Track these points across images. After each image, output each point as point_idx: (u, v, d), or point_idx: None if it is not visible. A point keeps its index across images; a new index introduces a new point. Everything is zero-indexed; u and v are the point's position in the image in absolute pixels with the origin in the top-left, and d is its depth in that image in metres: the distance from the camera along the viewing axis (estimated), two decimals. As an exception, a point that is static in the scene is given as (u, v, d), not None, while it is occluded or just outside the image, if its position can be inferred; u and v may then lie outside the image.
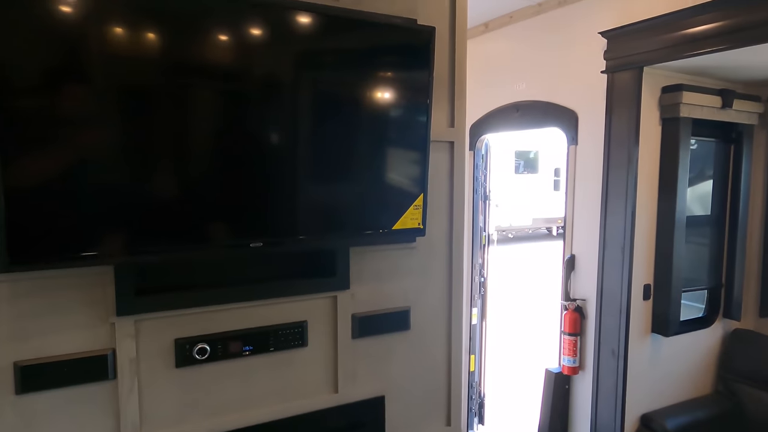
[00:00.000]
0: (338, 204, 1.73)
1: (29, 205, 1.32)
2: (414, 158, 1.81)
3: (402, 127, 1.81)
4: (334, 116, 1.71)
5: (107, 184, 1.41)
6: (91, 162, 1.39)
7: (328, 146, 1.70)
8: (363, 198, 1.75)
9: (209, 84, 1.54)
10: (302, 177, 1.67)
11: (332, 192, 1.72)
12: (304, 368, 1.90)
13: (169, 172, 1.50)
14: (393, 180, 1.80)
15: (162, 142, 1.48)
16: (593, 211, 2.57)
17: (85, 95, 1.37)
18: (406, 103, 1.81)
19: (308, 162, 1.69)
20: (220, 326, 1.74)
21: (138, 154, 1.45)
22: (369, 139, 1.76)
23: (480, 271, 3.65)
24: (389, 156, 1.82)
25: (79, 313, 1.53)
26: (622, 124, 2.42)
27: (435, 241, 2.13)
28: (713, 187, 2.73)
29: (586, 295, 2.65)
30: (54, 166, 1.34)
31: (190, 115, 1.53)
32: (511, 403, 4.41)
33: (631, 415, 2.51)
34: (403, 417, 2.12)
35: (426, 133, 1.81)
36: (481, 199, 3.60)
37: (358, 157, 1.75)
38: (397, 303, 2.07)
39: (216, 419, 1.75)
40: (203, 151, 1.56)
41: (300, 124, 1.68)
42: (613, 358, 2.49)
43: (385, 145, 1.79)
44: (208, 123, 1.56)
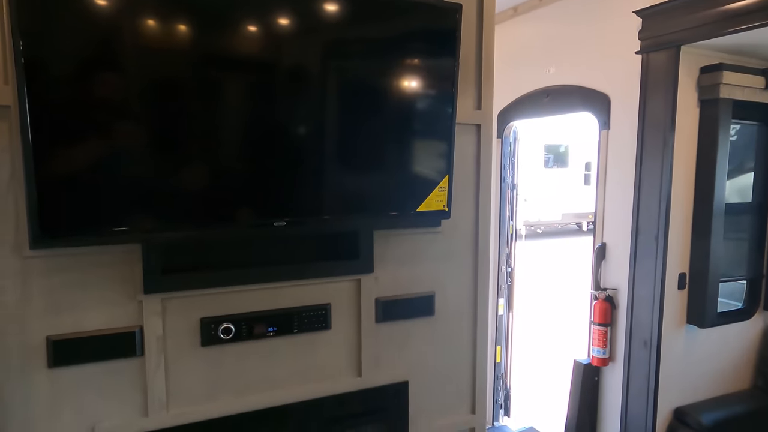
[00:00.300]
0: (362, 185, 1.71)
1: (61, 184, 1.36)
2: (439, 140, 1.78)
3: (427, 108, 1.78)
4: (359, 99, 1.69)
5: (137, 165, 1.44)
6: (122, 144, 1.42)
7: (352, 128, 1.68)
8: (387, 179, 1.73)
9: (238, 68, 1.55)
10: (326, 158, 1.67)
11: (356, 173, 1.70)
12: (328, 351, 1.90)
13: (197, 154, 1.52)
14: (417, 162, 1.78)
15: (191, 126, 1.49)
16: (625, 198, 2.48)
17: (118, 83, 1.40)
18: (431, 84, 1.78)
19: (332, 144, 1.68)
20: (245, 307, 1.75)
21: (167, 138, 1.47)
22: (393, 121, 1.73)
23: (507, 261, 3.59)
24: (414, 138, 1.79)
25: (108, 290, 1.57)
26: (658, 107, 2.32)
27: (460, 226, 2.10)
28: (754, 173, 2.60)
29: (617, 284, 2.57)
30: (86, 147, 1.37)
31: (218, 100, 1.54)
32: (538, 395, 4.34)
33: (663, 408, 2.43)
34: (426, 403, 2.10)
35: (451, 113, 1.77)
36: (509, 188, 3.53)
37: (382, 139, 1.73)
38: (421, 288, 2.05)
39: (241, 399, 1.76)
40: (230, 134, 1.57)
41: (324, 107, 1.67)
42: (645, 349, 2.41)
43: (409, 126, 1.77)
44: (235, 107, 1.57)
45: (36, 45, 1.28)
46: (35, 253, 1.46)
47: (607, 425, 2.68)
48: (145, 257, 1.57)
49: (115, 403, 1.60)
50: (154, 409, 1.63)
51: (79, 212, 1.38)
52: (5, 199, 1.43)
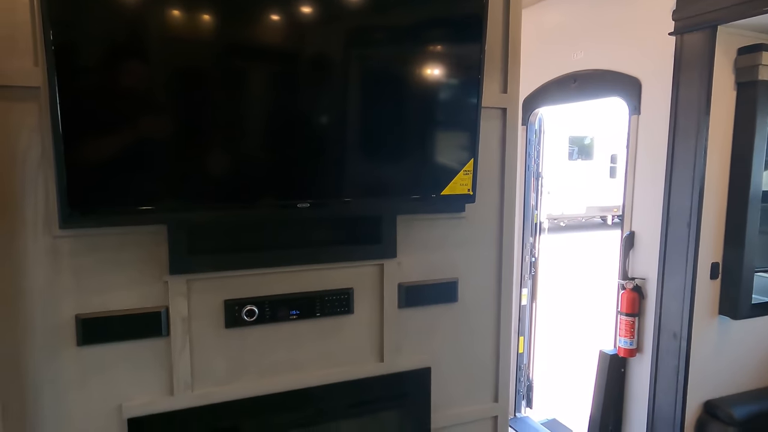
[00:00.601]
0: (386, 168, 1.69)
1: (89, 163, 1.37)
2: (464, 123, 1.75)
3: (451, 91, 1.75)
4: (383, 83, 1.67)
5: (163, 146, 1.45)
6: (148, 127, 1.43)
7: (376, 112, 1.66)
8: (411, 162, 1.71)
9: (263, 51, 1.55)
10: (350, 141, 1.65)
11: (380, 156, 1.68)
12: (350, 335, 1.90)
13: (222, 138, 1.52)
14: (442, 145, 1.75)
15: (216, 111, 1.49)
16: (656, 184, 2.41)
17: (144, 69, 1.41)
18: (456, 67, 1.75)
19: (356, 126, 1.66)
20: (268, 290, 1.76)
21: (193, 121, 1.48)
22: (417, 105, 1.71)
23: (531, 251, 3.54)
24: (438, 121, 1.76)
25: (134, 270, 1.59)
26: (692, 90, 2.24)
27: (485, 212, 2.07)
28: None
29: (645, 273, 2.51)
30: (113, 129, 1.38)
31: (243, 84, 1.53)
32: (561, 387, 4.29)
33: (693, 401, 2.36)
34: (449, 390, 2.09)
35: (477, 96, 1.74)
36: (533, 177, 3.47)
37: (406, 122, 1.70)
38: (444, 274, 2.03)
39: (264, 380, 1.77)
40: (254, 117, 1.56)
41: (348, 92, 1.65)
42: (674, 340, 2.34)
43: (433, 109, 1.74)
44: (260, 91, 1.56)
45: (65, 32, 1.30)
46: (65, 232, 1.49)
47: (633, 417, 2.63)
48: (171, 238, 1.59)
49: (141, 382, 1.63)
50: (180, 388, 1.66)
51: (107, 191, 1.40)
52: (36, 179, 1.46)
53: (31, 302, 1.49)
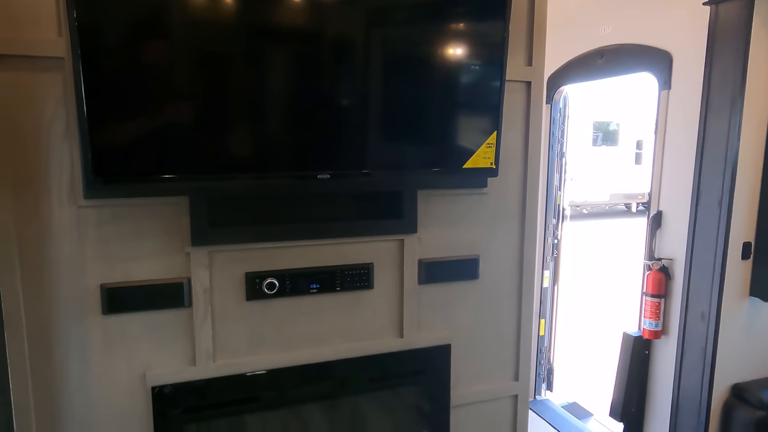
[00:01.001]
0: (407, 139, 1.67)
1: (113, 133, 1.38)
2: (487, 95, 1.71)
3: (475, 61, 1.71)
4: (404, 54, 1.64)
5: (185, 117, 1.46)
6: (170, 97, 1.43)
7: (398, 83, 1.63)
8: (432, 134, 1.68)
9: (284, 24, 1.53)
10: (371, 113, 1.63)
11: (401, 128, 1.66)
12: (370, 310, 1.90)
13: (243, 108, 1.51)
14: (464, 117, 1.72)
15: (238, 81, 1.48)
16: (686, 162, 2.33)
17: (167, 41, 1.42)
18: (480, 36, 1.70)
19: (377, 99, 1.63)
20: (289, 263, 1.76)
21: (215, 93, 1.47)
22: (439, 76, 1.67)
23: (553, 233, 3.48)
24: (461, 93, 1.72)
25: (157, 241, 1.60)
26: (727, 63, 2.15)
27: (507, 188, 2.03)
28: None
29: (673, 254, 2.44)
30: (136, 100, 1.39)
31: (266, 53, 1.52)
32: (582, 370, 4.24)
33: (720, 384, 2.31)
34: (469, 367, 2.07)
35: (501, 67, 1.69)
36: (557, 157, 3.40)
37: (428, 94, 1.67)
38: (465, 251, 2.01)
39: (284, 353, 1.79)
40: (276, 89, 1.54)
41: (370, 62, 1.62)
42: (702, 322, 2.28)
43: (456, 81, 1.70)
44: (282, 62, 1.54)
45: (88, 6, 1.30)
46: (89, 202, 1.51)
47: (656, 400, 2.58)
48: (193, 210, 1.60)
49: (164, 352, 1.65)
50: (202, 359, 1.68)
51: (130, 160, 1.41)
52: (60, 150, 1.48)
53: (57, 271, 1.52)
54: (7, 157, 1.43)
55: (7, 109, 1.41)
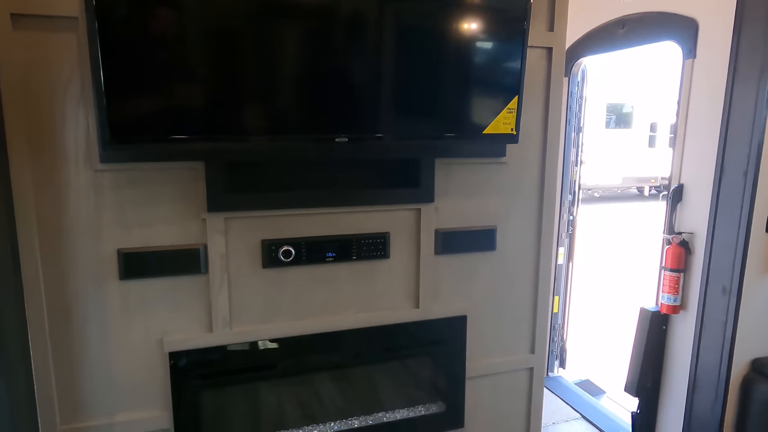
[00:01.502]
0: (427, 103, 1.63)
1: (127, 94, 1.36)
2: (508, 58, 1.66)
3: (496, 23, 1.65)
4: (422, 17, 1.59)
5: (200, 79, 1.42)
6: (186, 60, 1.39)
7: (417, 47, 1.58)
8: (453, 98, 1.64)
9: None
10: (390, 76, 1.58)
11: (421, 92, 1.61)
12: (386, 280, 1.88)
13: (260, 71, 1.47)
14: (485, 82, 1.67)
15: (254, 44, 1.44)
16: (710, 133, 2.26)
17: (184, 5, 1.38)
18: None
19: (396, 62, 1.59)
20: (305, 231, 1.75)
21: (231, 56, 1.43)
22: (460, 39, 1.62)
23: (569, 209, 3.43)
24: (480, 57, 1.67)
25: (174, 207, 1.59)
26: (757, 28, 2.06)
27: (526, 158, 1.99)
28: None
29: (693, 228, 2.38)
30: (151, 62, 1.36)
31: (282, 17, 1.47)
32: (595, 349, 4.23)
33: (740, 359, 2.27)
34: (485, 339, 2.06)
35: (523, 29, 1.63)
36: (574, 131, 3.33)
37: (448, 58, 1.62)
38: (483, 221, 1.98)
39: (300, 321, 1.78)
40: (292, 52, 1.50)
41: (386, 25, 1.57)
42: (723, 295, 2.24)
43: (476, 44, 1.65)
44: (298, 27, 1.50)
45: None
46: (105, 166, 1.50)
47: (673, 375, 2.55)
48: (209, 175, 1.58)
49: (181, 318, 1.66)
50: (218, 325, 1.68)
51: (146, 123, 1.39)
52: (76, 113, 1.46)
53: (74, 236, 1.52)
54: (23, 119, 1.41)
55: (23, 70, 1.40)
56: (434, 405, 2.05)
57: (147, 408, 1.66)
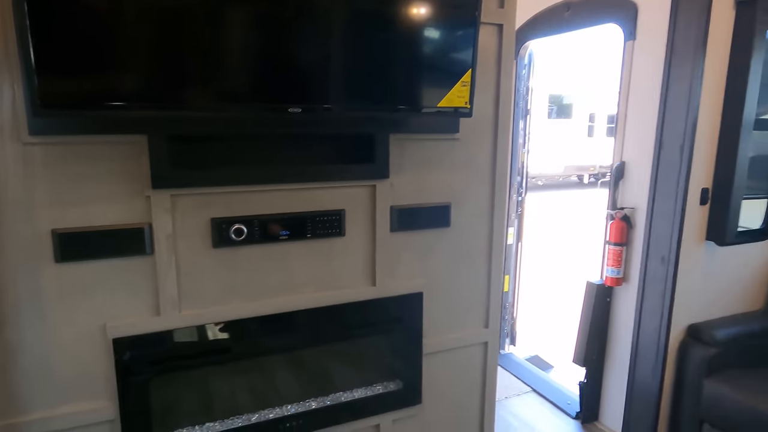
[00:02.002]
0: (383, 75, 1.59)
1: (57, 55, 1.24)
2: (462, 30, 1.65)
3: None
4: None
5: (139, 38, 1.31)
6: (121, 17, 1.29)
7: (371, 18, 1.55)
8: (407, 70, 1.61)
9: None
10: (342, 47, 1.54)
11: (377, 63, 1.57)
12: (342, 258, 1.86)
13: (206, 34, 1.37)
14: (439, 54, 1.65)
15: (200, 7, 1.35)
16: (649, 111, 2.38)
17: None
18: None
19: (348, 33, 1.55)
20: (257, 208, 1.69)
21: (173, 16, 1.33)
22: (412, 11, 1.60)
23: (518, 190, 3.52)
24: (434, 29, 1.65)
25: (114, 183, 1.49)
26: (691, 12, 2.18)
27: (479, 135, 2.01)
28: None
29: (635, 203, 2.51)
30: (84, 21, 1.25)
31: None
32: (544, 325, 4.39)
33: (677, 325, 2.42)
34: (441, 315, 2.08)
35: (477, 1, 1.64)
36: (522, 114, 3.41)
37: (400, 31, 1.59)
38: (437, 198, 1.98)
39: (254, 302, 1.73)
40: (243, 16, 1.43)
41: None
42: (662, 265, 2.37)
43: (430, 16, 1.63)
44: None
45: None
46: (36, 139, 1.38)
47: (617, 345, 2.69)
48: (152, 149, 1.49)
49: (126, 302, 1.56)
50: (166, 309, 1.60)
51: (79, 88, 1.27)
52: (1, 80, 1.33)
53: (3, 214, 1.39)
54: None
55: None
56: (392, 383, 2.05)
57: (90, 399, 1.56)
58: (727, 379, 2.28)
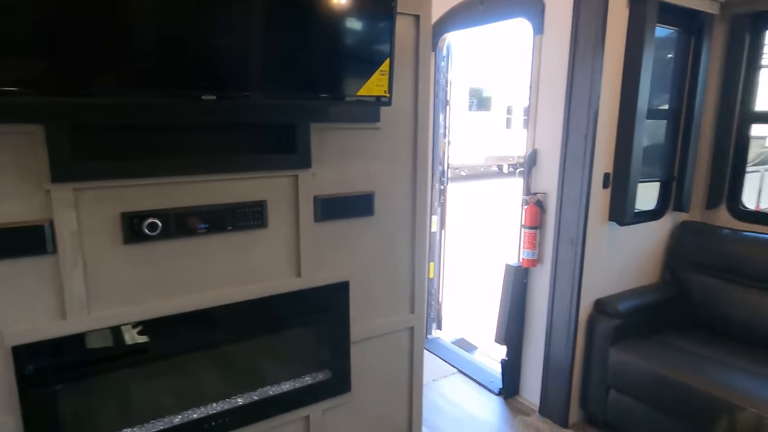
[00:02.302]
0: (300, 62, 1.56)
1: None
2: (379, 20, 1.66)
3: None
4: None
5: (36, 20, 1.20)
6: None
7: (285, 3, 1.52)
8: (325, 58, 1.60)
9: None
10: (258, 32, 1.50)
11: (293, 50, 1.55)
12: (265, 250, 1.82)
13: (106, 11, 1.29)
14: (357, 43, 1.66)
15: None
16: (557, 102, 2.53)
17: None
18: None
19: (264, 18, 1.51)
20: (173, 201, 1.61)
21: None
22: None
23: (440, 179, 3.62)
24: (352, 19, 1.65)
25: (8, 177, 1.37)
26: (590, 8, 2.34)
27: (400, 124, 2.04)
28: (672, 80, 2.74)
29: (546, 188, 2.67)
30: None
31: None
32: (469, 309, 4.56)
33: (586, 301, 2.61)
34: (367, 303, 2.10)
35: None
36: (442, 105, 3.50)
37: (319, 19, 1.58)
38: (361, 187, 2.00)
39: (173, 300, 1.65)
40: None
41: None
42: (571, 246, 2.54)
43: (347, 5, 1.63)
44: None
45: None
46: None
47: (534, 322, 2.86)
48: (51, 139, 1.38)
49: (26, 306, 1.44)
50: (73, 311, 1.49)
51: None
52: None
53: None
54: None
55: None
56: (321, 373, 2.06)
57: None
58: (629, 347, 2.50)
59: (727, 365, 2.34)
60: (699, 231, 2.86)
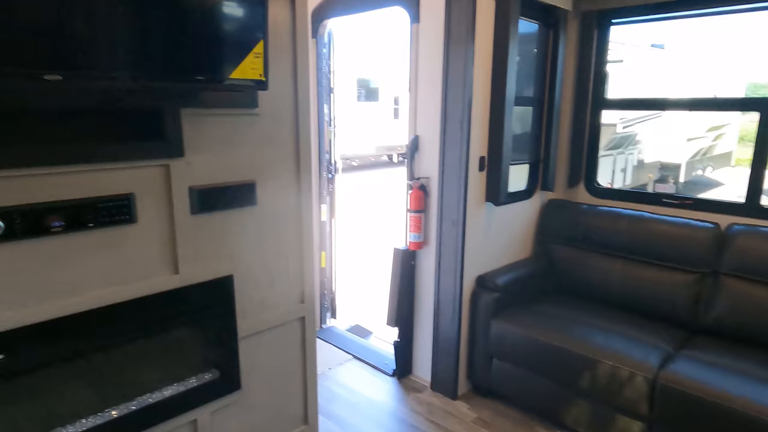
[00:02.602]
0: (165, 40, 1.44)
1: None
2: (250, 2, 1.60)
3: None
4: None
5: None
6: None
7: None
8: (193, 39, 1.49)
9: None
10: (114, 6, 1.35)
11: (156, 27, 1.42)
12: (136, 247, 1.68)
13: None
14: (228, 23, 1.57)
15: None
16: (435, 89, 2.63)
17: None
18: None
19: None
20: (19, 197, 1.41)
21: None
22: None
23: (328, 167, 3.60)
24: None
25: None
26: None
27: (280, 110, 1.99)
28: (536, 70, 2.99)
29: (429, 173, 2.77)
30: None
31: None
32: (362, 296, 4.62)
33: (468, 278, 2.77)
34: (254, 296, 2.03)
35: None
36: (326, 93, 3.47)
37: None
38: (241, 176, 1.92)
39: (24, 310, 1.46)
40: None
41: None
42: (453, 227, 2.67)
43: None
44: None
45: None
46: None
47: (422, 302, 2.97)
48: None
49: None
50: None
51: None
52: None
53: None
54: None
55: None
56: (207, 373, 1.95)
57: None
58: (507, 318, 2.71)
59: (590, 325, 2.63)
60: (562, 207, 3.17)
